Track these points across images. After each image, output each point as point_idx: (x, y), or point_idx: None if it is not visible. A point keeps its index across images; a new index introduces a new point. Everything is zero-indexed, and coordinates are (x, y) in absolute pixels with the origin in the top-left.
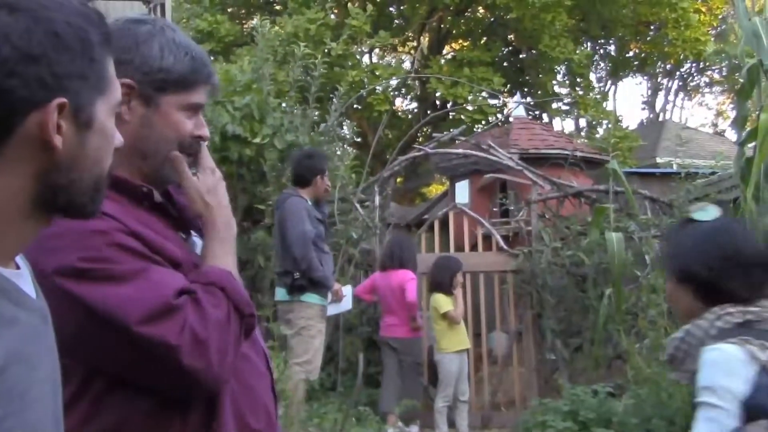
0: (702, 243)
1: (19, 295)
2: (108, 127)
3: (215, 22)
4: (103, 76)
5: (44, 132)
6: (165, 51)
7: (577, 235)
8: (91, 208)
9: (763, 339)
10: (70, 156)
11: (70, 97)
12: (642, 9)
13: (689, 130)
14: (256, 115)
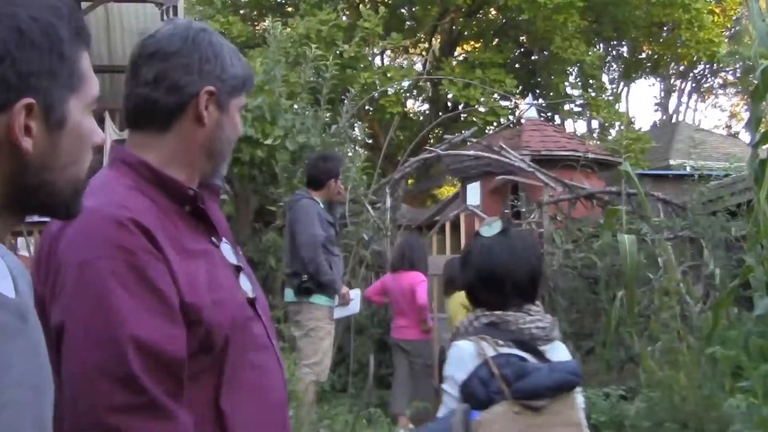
0: (468, 257)
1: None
2: (83, 125)
3: (227, 23)
4: (75, 73)
5: (11, 135)
6: (233, 58)
7: (589, 238)
8: (69, 210)
9: (501, 338)
10: (41, 157)
11: (39, 96)
12: (655, 10)
13: (702, 132)
14: (268, 117)
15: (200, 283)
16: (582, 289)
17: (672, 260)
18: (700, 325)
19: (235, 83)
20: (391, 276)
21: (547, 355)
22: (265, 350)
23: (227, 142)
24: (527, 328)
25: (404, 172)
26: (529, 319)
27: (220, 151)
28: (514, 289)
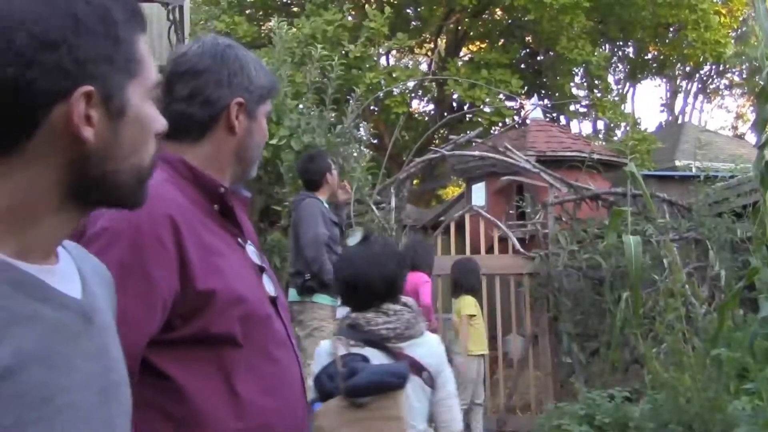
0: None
1: (45, 290)
2: (144, 112)
3: (233, 23)
4: (132, 58)
5: (71, 125)
6: (258, 70)
7: (594, 238)
8: (134, 199)
9: (354, 338)
10: (103, 147)
11: (98, 84)
12: (661, 11)
13: (708, 133)
14: (273, 117)
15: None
16: (587, 290)
17: (677, 261)
18: (705, 326)
19: (262, 92)
20: None
21: (405, 352)
22: (284, 347)
23: (256, 147)
24: (377, 329)
25: (409, 172)
26: (381, 320)
27: (250, 156)
28: (371, 293)
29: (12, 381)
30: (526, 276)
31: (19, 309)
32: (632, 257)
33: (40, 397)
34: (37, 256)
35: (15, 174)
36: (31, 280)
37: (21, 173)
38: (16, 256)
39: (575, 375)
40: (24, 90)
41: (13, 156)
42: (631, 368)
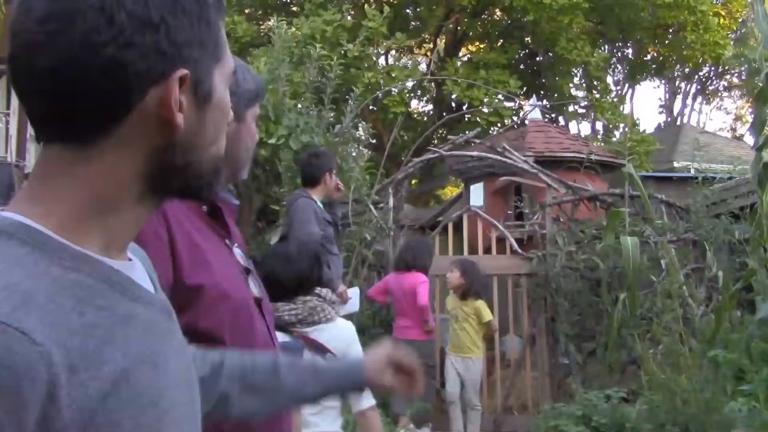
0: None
1: (135, 288)
2: (225, 100)
3: (232, 22)
4: (218, 42)
5: (165, 110)
6: (245, 74)
7: (592, 239)
8: (208, 191)
9: None
10: (190, 135)
11: (190, 68)
12: (661, 12)
13: (707, 134)
14: (272, 116)
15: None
16: (584, 291)
17: (675, 263)
18: (702, 328)
19: (249, 96)
20: (394, 276)
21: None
22: (266, 347)
23: (245, 149)
24: (281, 315)
25: (407, 172)
26: (287, 307)
27: (239, 158)
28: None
29: (128, 384)
30: (524, 276)
31: (119, 308)
32: (630, 258)
33: (150, 399)
34: (118, 251)
35: (102, 160)
36: (122, 279)
37: (107, 160)
38: (104, 253)
39: (572, 376)
40: (121, 71)
41: (101, 141)
42: (628, 369)
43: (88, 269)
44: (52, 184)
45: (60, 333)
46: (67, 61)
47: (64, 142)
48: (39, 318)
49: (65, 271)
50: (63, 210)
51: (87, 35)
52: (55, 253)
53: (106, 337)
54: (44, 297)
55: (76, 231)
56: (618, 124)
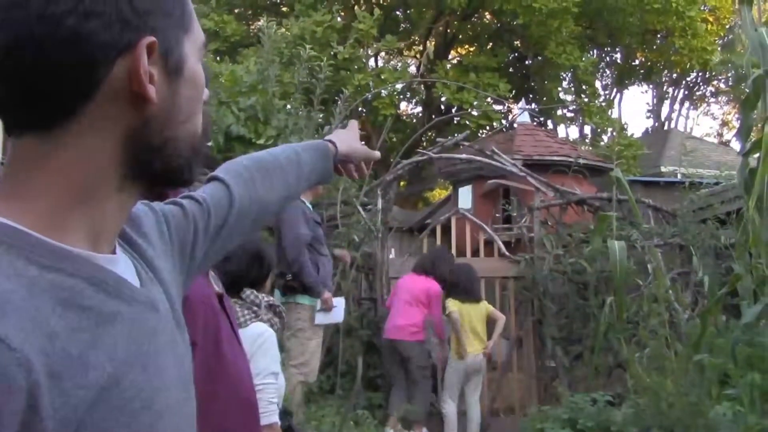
0: None
1: (120, 285)
2: (198, 72)
3: (222, 21)
4: (185, 11)
5: (135, 81)
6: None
7: (580, 243)
8: (188, 174)
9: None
10: (163, 110)
11: (157, 37)
12: (649, 17)
13: (694, 139)
14: (261, 117)
15: None
16: (571, 294)
17: (661, 267)
18: (688, 332)
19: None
20: (409, 277)
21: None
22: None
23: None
24: None
25: (396, 174)
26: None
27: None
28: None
29: (118, 389)
30: (512, 279)
31: (103, 309)
32: (617, 262)
33: (143, 404)
34: (106, 243)
35: (75, 145)
36: (106, 276)
37: (81, 145)
38: (91, 246)
39: (558, 379)
40: (84, 43)
41: (72, 125)
42: (614, 372)
43: (69, 267)
44: (27, 178)
45: (39, 338)
46: (25, 37)
47: (34, 131)
48: (15, 322)
49: (44, 271)
50: (41, 204)
51: (44, 7)
52: (33, 251)
53: (90, 341)
54: (21, 299)
55: (57, 226)
56: (606, 129)
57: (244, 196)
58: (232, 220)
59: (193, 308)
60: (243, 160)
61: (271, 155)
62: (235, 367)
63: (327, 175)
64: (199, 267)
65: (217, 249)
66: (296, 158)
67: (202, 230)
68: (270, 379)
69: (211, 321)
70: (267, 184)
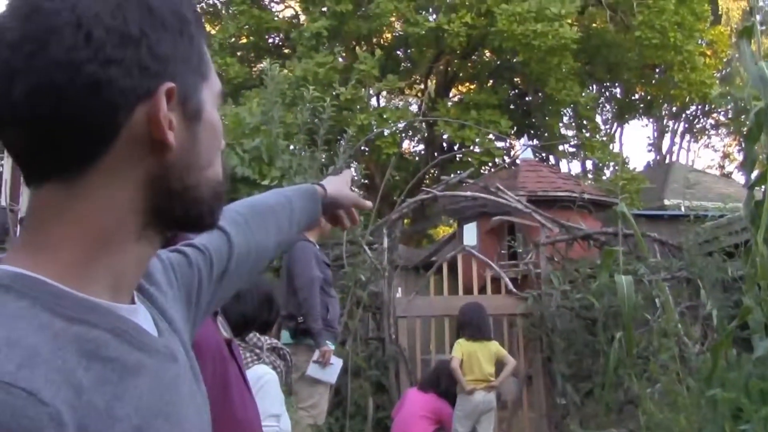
0: None
1: (142, 336)
2: (216, 119)
3: (225, 64)
4: (203, 59)
5: (155, 128)
6: None
7: (587, 278)
8: (210, 219)
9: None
10: (183, 156)
11: (176, 83)
12: (647, 52)
13: (696, 172)
14: (265, 158)
15: None
16: (580, 330)
17: (669, 301)
18: (699, 366)
19: None
20: (417, 394)
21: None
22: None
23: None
24: None
25: (401, 212)
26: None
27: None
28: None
29: None
30: (519, 316)
31: (127, 360)
32: (625, 297)
33: None
34: (126, 294)
35: (95, 194)
36: (129, 327)
37: (101, 193)
38: (113, 297)
39: (570, 416)
40: (105, 89)
41: (92, 172)
42: (626, 409)
43: (94, 319)
44: (47, 229)
45: (67, 391)
46: (46, 84)
47: (53, 179)
48: (45, 376)
49: (69, 323)
50: (63, 255)
51: (65, 54)
52: (57, 303)
53: (116, 392)
54: (48, 352)
55: (80, 276)
56: (608, 163)
57: (242, 243)
58: (233, 267)
59: (202, 353)
60: (237, 207)
61: (262, 201)
62: (243, 413)
63: (315, 217)
64: (203, 315)
65: (218, 297)
66: (287, 203)
67: (206, 278)
68: (271, 422)
69: (219, 366)
70: (262, 230)
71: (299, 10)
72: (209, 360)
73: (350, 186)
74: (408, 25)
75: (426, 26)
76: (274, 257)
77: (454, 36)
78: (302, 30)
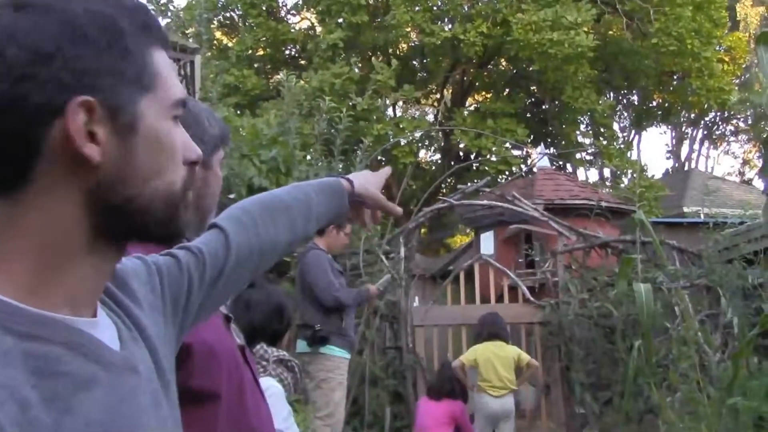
0: None
1: (98, 349)
2: (162, 131)
3: (242, 76)
4: (145, 71)
5: (70, 141)
6: (210, 119)
7: (605, 287)
8: (168, 230)
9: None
10: (116, 169)
11: (101, 96)
12: (665, 59)
13: (716, 179)
14: (282, 168)
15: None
16: (598, 339)
17: (689, 309)
18: (719, 375)
19: (215, 141)
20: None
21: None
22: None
23: (213, 196)
24: None
25: (418, 221)
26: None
27: (207, 206)
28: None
29: None
30: (537, 325)
31: (80, 374)
32: (643, 305)
33: None
34: (86, 307)
35: (36, 208)
36: (84, 339)
37: (41, 207)
38: (71, 310)
39: (589, 426)
40: (18, 106)
41: (29, 186)
42: (646, 418)
43: (47, 334)
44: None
45: (11, 407)
46: None
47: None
48: None
49: (19, 340)
50: (15, 269)
51: None
52: (8, 320)
53: (65, 408)
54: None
55: (34, 291)
56: (626, 171)
57: (243, 243)
58: (229, 269)
59: (218, 359)
60: (246, 204)
61: (275, 197)
62: (257, 420)
63: (340, 212)
64: (195, 318)
65: (215, 299)
66: (305, 199)
67: (197, 282)
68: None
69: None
70: (271, 227)
71: (315, 21)
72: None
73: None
74: (424, 35)
75: (442, 36)
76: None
77: (470, 45)
78: (318, 41)
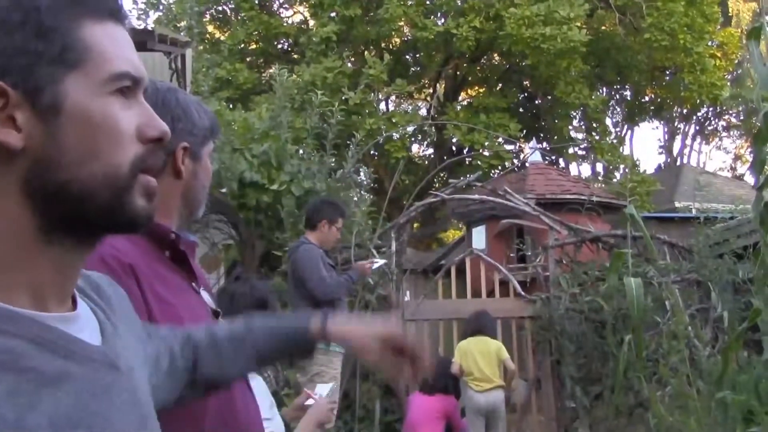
0: None
1: (70, 344)
2: (96, 109)
3: (234, 70)
4: (70, 47)
5: None
6: (199, 111)
7: (596, 281)
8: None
9: None
10: (43, 153)
11: (15, 79)
12: (657, 54)
13: (707, 174)
14: (274, 162)
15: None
16: (589, 333)
17: (679, 303)
18: (709, 369)
19: (205, 133)
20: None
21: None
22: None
23: (202, 189)
24: None
25: (409, 216)
26: None
27: (196, 198)
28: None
29: None
30: (528, 319)
31: (47, 369)
32: (634, 300)
33: None
34: (57, 302)
35: None
36: (54, 335)
37: None
38: (37, 305)
39: (579, 419)
40: None
41: None
42: (636, 412)
43: (12, 329)
44: None
45: None
46: None
47: None
48: None
49: None
50: None
51: None
52: None
53: (29, 403)
54: None
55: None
56: (618, 166)
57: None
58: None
59: None
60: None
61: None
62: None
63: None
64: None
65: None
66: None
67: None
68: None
69: None
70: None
71: (308, 15)
72: None
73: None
74: (416, 30)
75: (434, 30)
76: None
77: (463, 40)
78: (311, 35)
